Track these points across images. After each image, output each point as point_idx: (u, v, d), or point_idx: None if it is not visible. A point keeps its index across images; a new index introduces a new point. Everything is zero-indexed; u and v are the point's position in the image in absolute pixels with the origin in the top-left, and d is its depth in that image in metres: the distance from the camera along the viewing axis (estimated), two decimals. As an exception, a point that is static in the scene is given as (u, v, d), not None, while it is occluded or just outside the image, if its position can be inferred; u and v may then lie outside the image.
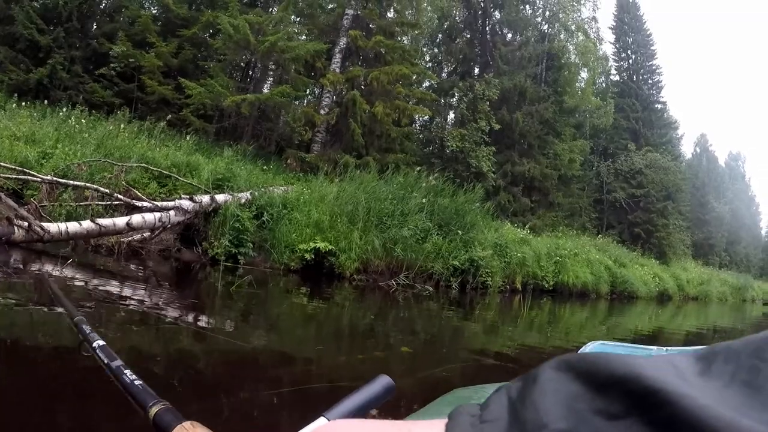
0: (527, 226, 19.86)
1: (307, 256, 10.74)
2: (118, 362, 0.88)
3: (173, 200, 10.05)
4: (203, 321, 5.26)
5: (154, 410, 0.60)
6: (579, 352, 1.96)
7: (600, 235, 27.94)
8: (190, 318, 5.27)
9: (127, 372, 0.81)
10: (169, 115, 15.53)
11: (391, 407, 2.72)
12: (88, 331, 1.30)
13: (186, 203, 9.96)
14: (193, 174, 11.75)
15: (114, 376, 0.84)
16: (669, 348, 2.20)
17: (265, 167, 15.17)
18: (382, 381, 0.84)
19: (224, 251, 10.04)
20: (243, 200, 11.13)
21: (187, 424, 0.55)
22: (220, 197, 10.69)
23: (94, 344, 1.09)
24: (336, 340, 5.56)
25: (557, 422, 0.27)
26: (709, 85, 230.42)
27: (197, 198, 10.18)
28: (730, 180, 78.96)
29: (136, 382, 0.76)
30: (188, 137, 14.64)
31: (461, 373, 4.66)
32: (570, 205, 29.03)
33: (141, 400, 0.68)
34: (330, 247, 10.90)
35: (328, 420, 0.73)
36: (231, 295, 7.09)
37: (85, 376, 2.60)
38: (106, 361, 0.92)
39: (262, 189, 12.05)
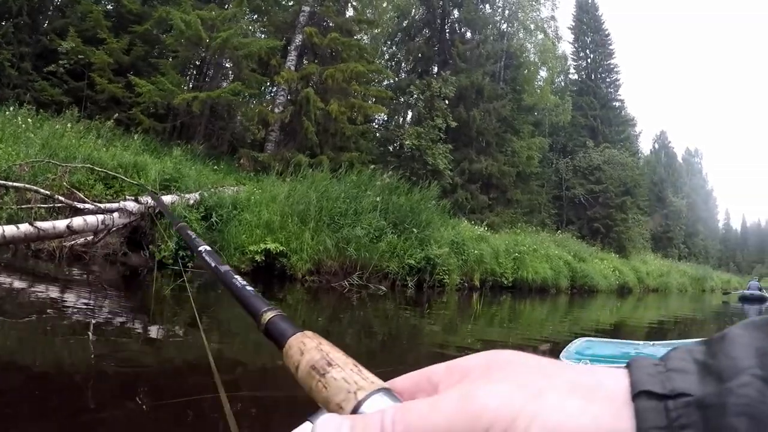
0: (485, 224, 19.80)
1: (257, 257, 10.46)
2: (226, 267, 0.83)
3: (117, 202, 9.66)
4: (149, 328, 5.02)
5: (267, 316, 0.54)
6: (566, 349, 1.82)
7: (559, 231, 28.14)
8: (136, 325, 5.04)
9: (238, 277, 0.75)
10: (116, 114, 15.01)
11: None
12: (193, 236, 1.25)
13: (130, 205, 9.57)
14: (140, 175, 11.33)
15: (223, 281, 0.79)
16: (655, 342, 2.12)
17: (216, 167, 14.78)
18: None
19: (171, 254, 9.70)
20: (191, 201, 10.79)
21: (309, 333, 0.48)
22: (167, 198, 10.33)
23: (200, 248, 1.03)
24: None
25: (754, 369, 0.27)
26: (668, 83, 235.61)
27: (142, 199, 9.79)
28: (687, 175, 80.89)
29: (248, 288, 0.70)
30: (136, 137, 14.16)
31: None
32: (529, 201, 29.10)
33: (253, 306, 0.61)
34: (281, 248, 10.63)
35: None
36: (179, 300, 6.80)
37: None
38: (213, 265, 0.87)
39: (212, 189, 11.72)
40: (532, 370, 0.33)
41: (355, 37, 21.60)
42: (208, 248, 1.06)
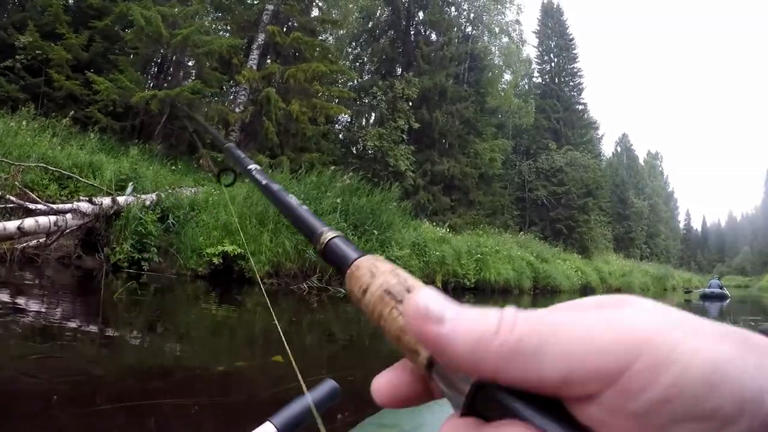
0: (447, 225, 19.84)
1: (215, 260, 10.25)
2: (278, 186, 0.77)
3: (71, 203, 9.39)
4: (104, 332, 4.86)
5: (327, 236, 0.47)
6: None
7: (522, 232, 28.39)
8: (89, 329, 4.88)
9: (292, 197, 0.69)
10: (72, 112, 14.60)
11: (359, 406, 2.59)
12: (241, 155, 1.19)
13: (84, 205, 9.30)
14: (95, 175, 11.07)
15: (276, 200, 0.73)
16: None
17: (174, 167, 14.48)
18: (328, 385, 0.85)
19: (126, 257, 9.47)
20: (148, 202, 10.55)
21: (380, 257, 0.41)
22: (122, 199, 10.08)
23: (250, 167, 0.97)
24: (250, 348, 5.23)
25: None
26: (630, 87, 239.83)
27: (97, 200, 9.54)
28: (649, 177, 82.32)
29: (303, 207, 0.64)
30: (92, 135, 13.81)
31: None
32: (491, 203, 29.26)
33: (309, 226, 0.55)
34: (239, 250, 10.45)
35: (275, 425, 0.74)
36: (135, 304, 6.63)
37: None
38: (264, 183, 0.81)
39: (170, 190, 11.50)
40: (671, 310, 0.29)
41: (319, 38, 21.44)
42: (258, 167, 1.00)
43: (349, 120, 26.59)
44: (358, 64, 29.26)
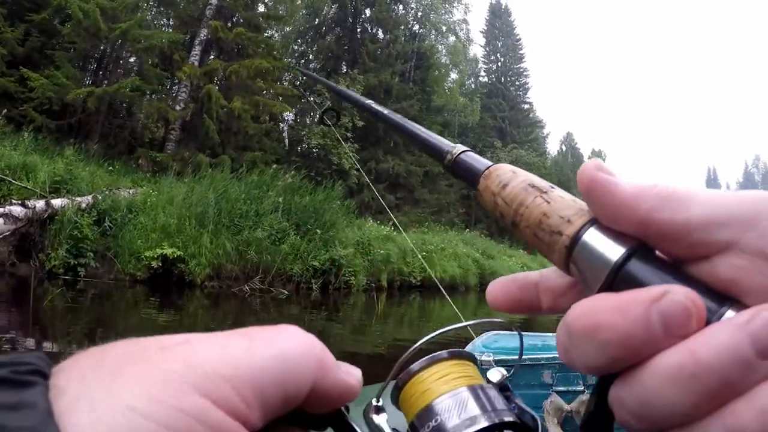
0: (391, 223, 19.80)
1: (153, 263, 10.02)
2: (399, 115, 0.77)
3: (3, 206, 9.05)
4: (40, 344, 4.72)
5: (458, 150, 0.49)
6: (472, 342, 2.23)
7: (468, 230, 28.58)
8: (25, 341, 4.73)
9: (411, 123, 0.70)
10: (5, 110, 14.04)
11: None
12: (354, 93, 1.14)
13: (17, 209, 9.02)
14: (29, 176, 10.66)
15: (400, 127, 0.72)
16: None
17: (111, 168, 14.05)
18: None
19: (62, 263, 9.18)
20: (84, 204, 10.26)
21: (507, 164, 0.41)
22: (57, 202, 9.77)
23: (368, 102, 0.93)
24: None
25: None
26: (575, 87, 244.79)
27: (30, 203, 9.24)
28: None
29: (430, 131, 0.62)
30: (26, 135, 13.30)
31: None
32: (437, 201, 29.30)
33: (436, 145, 0.54)
34: (178, 252, 10.23)
35: None
36: (72, 312, 6.42)
37: None
38: (385, 113, 0.81)
39: (107, 192, 11.20)
40: None
41: (265, 34, 21.15)
42: (373, 102, 0.98)
43: (293, 118, 26.35)
44: (303, 61, 29.05)
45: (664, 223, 0.29)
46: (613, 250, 0.30)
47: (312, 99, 24.65)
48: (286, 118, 25.85)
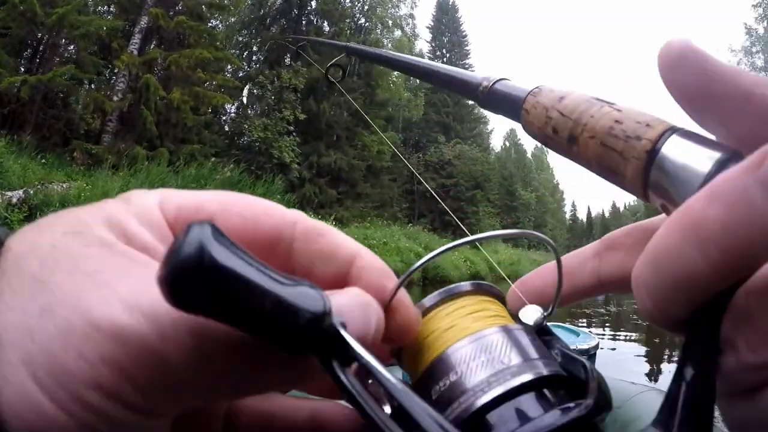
0: (333, 218, 19.79)
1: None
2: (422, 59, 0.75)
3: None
4: None
5: (492, 79, 0.44)
6: None
7: (411, 224, 28.76)
8: None
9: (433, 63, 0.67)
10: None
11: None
12: (367, 47, 1.13)
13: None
14: (-44, 171, 10.30)
15: (419, 68, 0.73)
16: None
17: (44, 161, 13.59)
18: None
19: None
20: (15, 199, 9.95)
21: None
22: (-16, 196, 9.46)
23: (380, 51, 0.94)
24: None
25: None
26: (518, 79, 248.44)
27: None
28: (537, 171, 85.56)
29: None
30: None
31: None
32: (380, 195, 29.25)
33: (463, 79, 0.51)
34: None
35: None
36: None
37: None
38: (406, 60, 0.80)
39: (39, 186, 10.88)
40: None
41: (209, 24, 20.74)
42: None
43: (235, 111, 25.95)
44: (247, 53, 28.64)
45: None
46: (704, 158, 0.25)
47: (255, 91, 24.40)
48: (228, 111, 25.48)
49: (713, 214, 0.20)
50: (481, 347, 0.31)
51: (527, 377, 0.29)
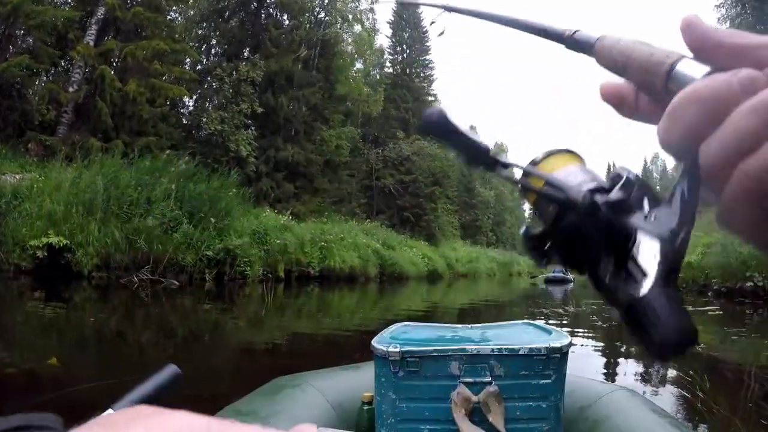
0: (289, 213, 19.65)
1: (39, 253, 9.64)
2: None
3: None
4: None
5: (570, 31, 0.53)
6: (380, 334, 1.90)
7: (369, 220, 28.72)
8: None
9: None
10: None
11: (203, 400, 2.86)
12: None
13: None
14: None
15: (503, 18, 0.70)
16: (473, 325, 2.22)
17: (-4, 152, 13.27)
18: (169, 370, 0.83)
19: None
20: (-36, 191, 9.77)
21: None
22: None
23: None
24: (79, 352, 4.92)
25: None
26: (478, 80, 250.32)
27: None
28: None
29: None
30: None
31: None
32: (337, 191, 29.20)
33: (550, 28, 0.57)
34: (65, 241, 9.87)
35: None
36: None
37: None
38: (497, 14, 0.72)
39: (-10, 177, 10.70)
40: None
41: (168, 17, 20.38)
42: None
43: (190, 103, 25.55)
44: (205, 46, 28.24)
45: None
46: (699, 70, 0.37)
47: (215, 84, 24.05)
48: (186, 104, 25.09)
49: (708, 87, 0.32)
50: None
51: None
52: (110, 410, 0.72)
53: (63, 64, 18.59)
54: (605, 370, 5.05)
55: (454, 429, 1.71)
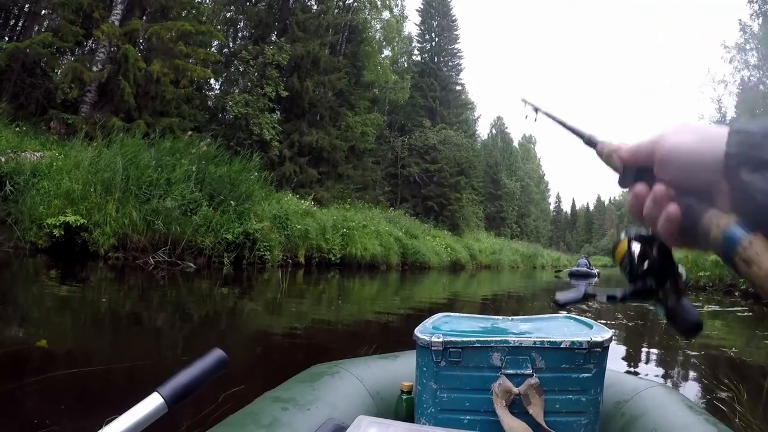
0: (311, 198, 19.45)
1: (56, 231, 9.53)
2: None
3: None
4: None
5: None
6: (422, 324, 1.92)
7: (393, 208, 28.56)
8: None
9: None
10: None
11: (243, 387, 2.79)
12: None
13: None
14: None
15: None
16: (513, 317, 2.21)
17: (18, 129, 13.23)
18: (216, 355, 0.83)
19: None
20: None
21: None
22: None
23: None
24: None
25: None
26: (508, 71, 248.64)
27: None
28: (523, 160, 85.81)
29: None
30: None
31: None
32: (362, 177, 28.88)
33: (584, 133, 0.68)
34: (82, 220, 9.74)
35: (162, 395, 0.75)
36: None
37: None
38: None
39: (11, 154, 10.61)
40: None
41: (195, -1, 20.25)
42: None
43: (216, 85, 25.47)
44: (232, 29, 28.12)
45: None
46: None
47: (241, 68, 23.91)
48: (213, 86, 25.06)
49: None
50: None
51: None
52: (155, 393, 0.75)
53: (88, 43, 18.60)
54: (630, 369, 4.81)
55: (494, 420, 1.70)
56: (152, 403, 0.76)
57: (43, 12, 17.88)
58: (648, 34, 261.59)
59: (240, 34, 27.97)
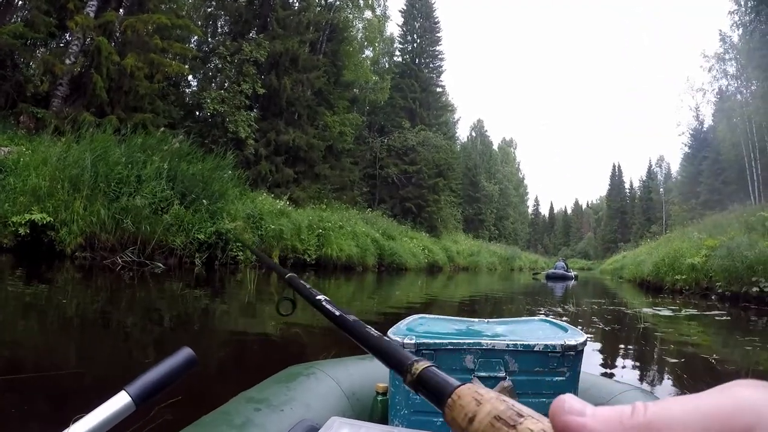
0: (286, 198, 19.25)
1: (21, 230, 9.27)
2: (353, 316, 0.73)
3: None
4: None
5: (419, 367, 0.50)
6: (396, 326, 1.88)
7: (371, 209, 28.48)
8: None
9: (370, 327, 0.66)
10: None
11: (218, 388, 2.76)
12: (307, 286, 1.08)
13: None
14: None
15: (355, 332, 0.68)
16: (489, 320, 2.21)
17: (-15, 124, 12.87)
18: (184, 353, 0.82)
19: None
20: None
21: (470, 385, 0.44)
22: None
23: (318, 297, 0.90)
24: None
25: None
26: (489, 75, 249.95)
27: None
28: (502, 163, 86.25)
29: (386, 338, 0.62)
30: None
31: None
32: (339, 178, 28.61)
33: (397, 357, 0.55)
34: (48, 218, 9.49)
35: (130, 394, 0.74)
36: None
37: None
38: (338, 314, 0.77)
39: (-25, 150, 10.34)
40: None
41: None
42: (327, 298, 0.93)
43: (193, 81, 25.12)
44: (212, 25, 27.78)
45: None
46: None
47: (219, 64, 23.59)
48: (190, 82, 24.71)
49: None
50: None
51: None
52: (123, 392, 0.73)
53: (63, 35, 18.19)
54: (606, 372, 4.75)
55: None
56: (120, 401, 0.75)
57: (17, 2, 17.43)
58: (632, 36, 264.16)
59: (219, 30, 27.63)
